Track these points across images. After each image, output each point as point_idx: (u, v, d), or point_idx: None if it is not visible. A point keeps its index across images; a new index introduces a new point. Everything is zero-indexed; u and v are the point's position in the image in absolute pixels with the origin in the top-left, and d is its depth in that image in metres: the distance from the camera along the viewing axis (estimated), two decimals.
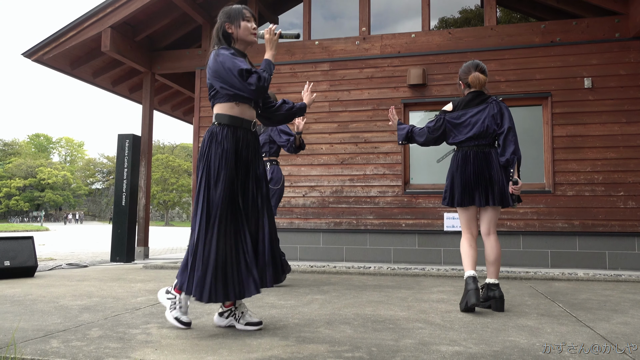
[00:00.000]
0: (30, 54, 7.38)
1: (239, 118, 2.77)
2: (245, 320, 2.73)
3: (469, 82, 3.51)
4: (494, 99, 3.51)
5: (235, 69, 2.67)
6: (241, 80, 2.66)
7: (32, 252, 5.26)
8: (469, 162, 3.47)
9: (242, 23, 2.86)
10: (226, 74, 2.68)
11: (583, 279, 5.26)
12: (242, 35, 2.88)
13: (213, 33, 2.89)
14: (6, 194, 61.19)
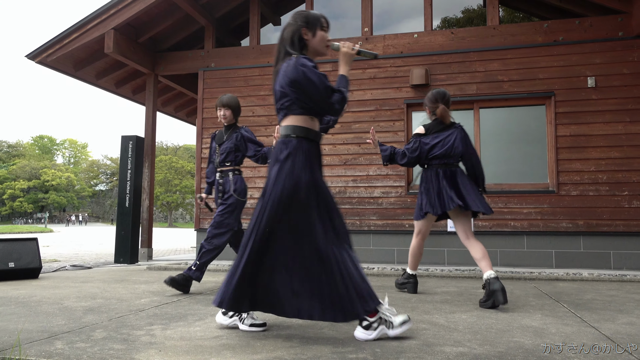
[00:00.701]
0: (34, 56, 7.41)
1: (316, 133, 2.64)
2: (249, 322, 2.73)
3: (435, 114, 4.04)
4: (459, 125, 4.06)
5: (321, 85, 2.54)
6: (326, 99, 2.55)
7: (36, 253, 5.28)
8: (440, 178, 3.89)
9: (318, 32, 2.69)
10: (309, 87, 2.54)
11: (588, 279, 5.24)
12: (317, 45, 2.70)
13: (285, 35, 2.70)
14: (10, 195, 61.41)
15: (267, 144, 7.42)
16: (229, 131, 4.40)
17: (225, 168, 4.34)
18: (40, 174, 63.46)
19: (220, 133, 4.46)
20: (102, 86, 8.81)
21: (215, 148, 4.44)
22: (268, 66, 7.57)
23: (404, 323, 2.52)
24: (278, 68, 2.68)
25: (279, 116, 2.68)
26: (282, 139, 2.60)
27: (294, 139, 2.57)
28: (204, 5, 7.75)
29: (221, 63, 7.79)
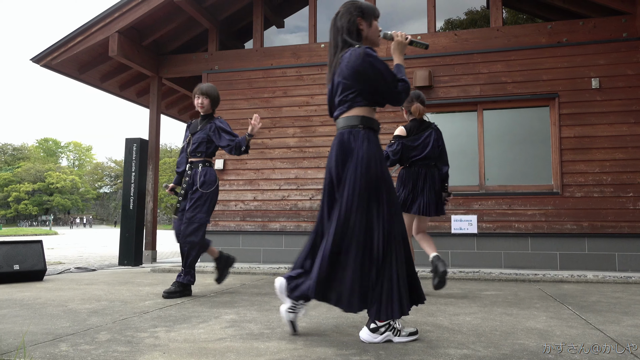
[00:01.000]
0: (39, 60, 7.45)
1: (378, 124, 2.64)
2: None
3: (411, 111, 4.26)
4: (434, 125, 4.28)
5: (389, 75, 2.52)
6: (393, 88, 2.53)
7: (41, 255, 5.30)
8: (420, 178, 4.15)
9: (373, 22, 2.66)
10: (377, 78, 2.50)
11: (592, 281, 5.22)
12: (372, 35, 2.66)
13: (341, 24, 2.61)
14: (15, 198, 61.68)
15: (270, 146, 7.47)
16: (204, 121, 4.27)
17: (196, 159, 4.22)
18: (45, 177, 63.72)
19: (196, 122, 4.34)
20: (106, 89, 8.85)
21: (186, 137, 4.34)
22: (271, 68, 7.58)
23: (411, 334, 2.53)
24: (338, 59, 2.60)
25: (341, 108, 2.61)
26: (348, 129, 2.55)
27: (361, 129, 2.54)
28: (208, 8, 7.77)
29: (225, 65, 7.81)
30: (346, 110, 2.59)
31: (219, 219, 7.54)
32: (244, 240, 7.44)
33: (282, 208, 7.33)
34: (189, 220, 4.07)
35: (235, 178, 7.57)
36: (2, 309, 3.48)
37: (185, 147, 4.33)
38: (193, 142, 4.22)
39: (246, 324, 2.96)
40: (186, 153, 4.30)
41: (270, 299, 3.99)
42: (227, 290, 4.52)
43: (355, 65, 2.50)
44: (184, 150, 4.34)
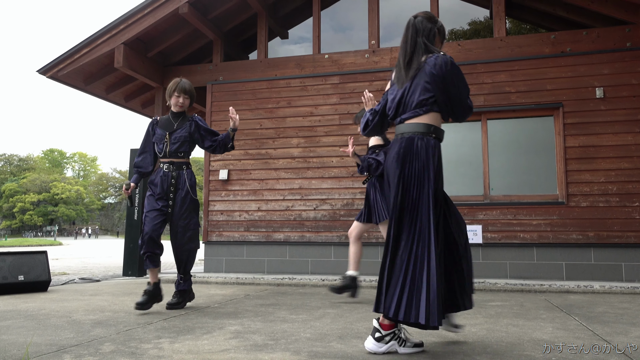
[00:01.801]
0: (45, 71, 7.51)
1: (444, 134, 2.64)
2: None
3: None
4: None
5: (466, 89, 2.56)
6: (466, 100, 2.56)
7: (45, 266, 5.30)
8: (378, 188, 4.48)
9: (437, 37, 2.73)
10: (458, 87, 2.53)
11: (599, 291, 5.17)
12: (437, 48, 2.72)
13: (422, 28, 2.65)
14: (20, 208, 61.93)
15: (274, 156, 7.48)
16: (180, 119, 4.02)
17: (178, 160, 3.98)
18: (50, 187, 64.00)
19: (167, 120, 4.04)
20: (111, 100, 8.90)
21: (160, 135, 3.98)
22: (276, 79, 7.62)
23: (416, 346, 2.52)
24: (420, 61, 2.58)
25: (417, 111, 2.54)
26: (420, 135, 2.51)
27: (433, 139, 2.52)
28: (213, 20, 7.83)
29: (229, 76, 7.86)
30: (422, 114, 2.54)
31: (223, 229, 7.54)
32: (248, 250, 7.43)
33: (287, 218, 7.32)
34: (185, 227, 3.94)
35: (240, 188, 7.58)
36: (6, 319, 3.48)
37: (149, 147, 4.03)
38: (173, 142, 3.96)
39: (250, 335, 2.94)
40: (150, 153, 4.01)
41: (274, 309, 3.97)
42: (231, 300, 4.51)
43: (441, 71, 2.50)
44: (147, 151, 4.03)
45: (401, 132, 2.58)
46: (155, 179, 3.96)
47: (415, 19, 2.70)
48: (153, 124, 4.07)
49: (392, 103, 2.67)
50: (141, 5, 7.07)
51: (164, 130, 4.00)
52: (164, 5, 7.04)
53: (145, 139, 4.08)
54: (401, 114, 2.61)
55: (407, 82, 2.58)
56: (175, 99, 4.01)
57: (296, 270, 7.14)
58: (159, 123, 4.05)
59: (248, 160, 7.58)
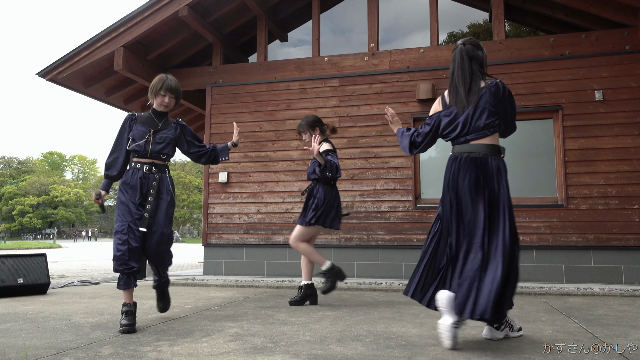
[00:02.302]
0: (45, 74, 7.52)
1: None
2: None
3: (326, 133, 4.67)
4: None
5: (515, 111, 3.01)
6: (514, 123, 3.03)
7: (44, 269, 5.30)
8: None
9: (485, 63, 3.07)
10: (513, 111, 2.97)
11: (599, 294, 5.17)
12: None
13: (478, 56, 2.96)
14: (20, 211, 61.85)
15: (274, 159, 7.48)
16: (163, 120, 3.60)
17: (161, 162, 3.54)
18: (50, 190, 63.94)
19: (149, 117, 3.57)
20: (111, 103, 8.90)
21: (141, 132, 3.49)
22: (275, 82, 7.62)
23: (520, 330, 3.03)
24: (480, 88, 2.88)
25: (485, 132, 2.85)
26: (492, 156, 2.84)
27: (502, 159, 2.93)
28: (212, 23, 7.84)
29: (229, 79, 7.87)
30: (489, 135, 2.86)
31: (222, 232, 7.53)
32: (247, 253, 7.42)
33: (286, 221, 7.32)
34: (168, 236, 3.54)
35: (239, 191, 7.58)
36: (5, 322, 3.47)
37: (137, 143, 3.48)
38: (158, 141, 3.51)
39: (250, 337, 2.94)
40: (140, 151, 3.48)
41: (274, 312, 3.97)
42: (231, 303, 4.50)
43: (503, 96, 2.87)
44: (122, 150, 3.52)
45: (468, 152, 2.88)
46: (132, 180, 3.43)
47: (465, 47, 2.97)
48: (131, 119, 3.55)
49: (453, 125, 2.94)
50: (141, 8, 7.08)
51: (146, 128, 3.52)
52: (163, 8, 7.05)
53: (119, 136, 3.54)
54: (465, 135, 2.90)
55: (470, 106, 2.87)
56: (161, 99, 3.55)
57: (295, 272, 7.13)
58: (139, 119, 3.56)
59: (248, 163, 7.59)
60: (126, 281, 3.36)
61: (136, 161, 3.49)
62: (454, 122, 2.92)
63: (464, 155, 2.87)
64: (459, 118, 2.90)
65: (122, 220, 3.36)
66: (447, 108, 2.98)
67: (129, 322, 3.17)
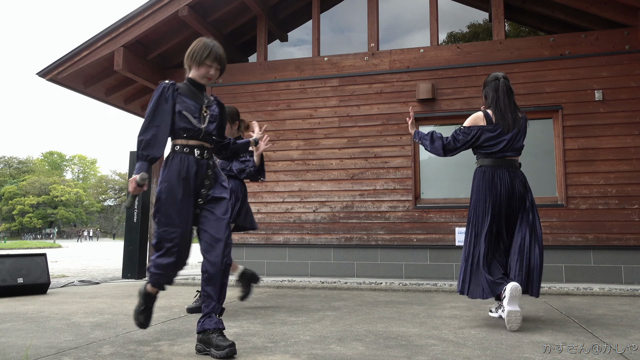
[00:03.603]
0: (45, 74, 7.52)
1: None
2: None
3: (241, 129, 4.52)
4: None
5: None
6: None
7: (44, 269, 5.30)
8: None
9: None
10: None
11: (599, 294, 5.17)
12: None
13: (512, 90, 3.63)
14: (20, 211, 61.88)
15: (274, 159, 7.48)
16: (203, 94, 2.88)
17: (209, 146, 2.85)
18: (50, 190, 63.95)
19: (190, 89, 2.81)
20: (111, 102, 8.91)
21: (193, 107, 2.76)
22: (275, 82, 7.63)
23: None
24: (520, 115, 3.60)
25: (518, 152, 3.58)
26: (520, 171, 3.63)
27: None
28: (212, 23, 7.84)
29: (229, 79, 7.87)
30: (519, 155, 3.62)
31: None
32: (247, 252, 7.42)
33: (286, 220, 7.32)
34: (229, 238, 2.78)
35: None
36: (5, 322, 3.47)
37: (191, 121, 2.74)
38: (210, 120, 2.83)
39: (249, 337, 2.94)
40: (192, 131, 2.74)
41: (273, 312, 3.97)
42: (230, 303, 4.50)
43: (526, 127, 3.65)
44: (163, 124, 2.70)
45: (506, 165, 3.56)
46: (182, 170, 2.71)
47: (506, 81, 3.62)
48: (173, 89, 2.76)
49: (496, 140, 3.54)
50: (141, 8, 7.08)
51: (196, 102, 2.79)
52: (163, 8, 7.05)
53: (157, 108, 2.70)
54: (505, 151, 3.54)
55: (513, 130, 3.52)
56: (206, 69, 2.80)
57: (295, 272, 7.13)
58: (180, 90, 2.78)
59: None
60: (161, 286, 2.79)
61: (182, 144, 2.75)
62: (498, 139, 3.52)
63: (505, 168, 3.56)
64: (503, 136, 3.51)
65: (170, 226, 2.66)
66: (492, 125, 3.55)
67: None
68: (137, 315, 2.82)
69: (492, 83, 3.63)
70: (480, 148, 3.59)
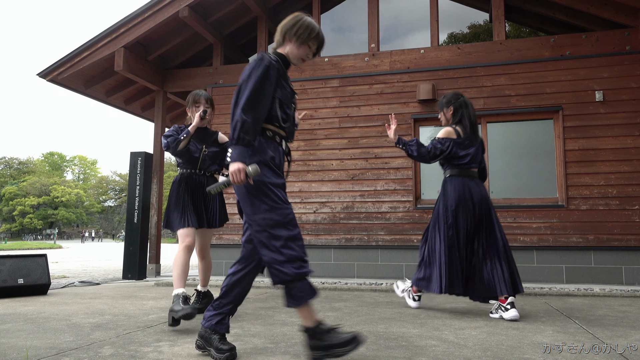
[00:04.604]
0: (45, 74, 7.52)
1: None
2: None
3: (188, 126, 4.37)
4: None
5: None
6: None
7: (45, 269, 5.30)
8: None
9: None
10: None
11: (599, 294, 5.17)
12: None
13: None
14: (20, 212, 61.88)
15: None
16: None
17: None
18: (50, 191, 63.96)
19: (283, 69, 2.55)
20: (112, 103, 8.91)
21: (289, 94, 2.56)
22: None
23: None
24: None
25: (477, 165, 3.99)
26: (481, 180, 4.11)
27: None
28: (213, 24, 7.85)
29: (229, 80, 7.87)
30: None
31: (223, 232, 7.53)
32: None
33: None
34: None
35: None
36: (5, 323, 3.47)
37: (288, 107, 2.55)
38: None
39: (250, 338, 2.94)
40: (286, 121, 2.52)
41: (274, 312, 3.97)
42: None
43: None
44: (265, 109, 2.40)
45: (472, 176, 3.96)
46: (277, 157, 2.47)
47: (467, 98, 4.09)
48: (277, 69, 2.48)
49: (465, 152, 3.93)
50: (141, 8, 7.08)
51: (291, 89, 2.61)
52: (164, 8, 7.06)
53: (263, 87, 2.38)
54: (471, 163, 3.94)
55: (477, 144, 3.97)
56: (306, 51, 2.61)
57: None
58: (281, 72, 2.53)
59: None
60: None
61: (275, 131, 2.49)
62: (467, 151, 3.91)
63: (468, 178, 3.92)
64: (470, 149, 3.92)
65: (286, 207, 2.37)
66: (462, 139, 3.94)
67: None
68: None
69: (458, 101, 4.07)
70: (451, 159, 3.96)
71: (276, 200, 2.33)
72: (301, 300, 2.30)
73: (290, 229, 2.31)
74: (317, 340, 2.30)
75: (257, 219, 2.32)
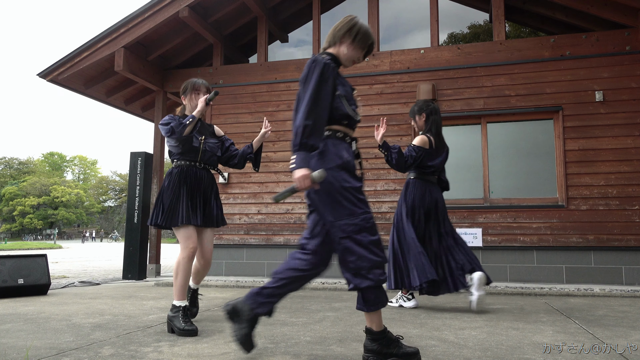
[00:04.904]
0: (46, 75, 7.52)
1: None
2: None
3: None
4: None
5: None
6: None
7: (45, 269, 5.30)
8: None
9: None
10: None
11: (599, 294, 5.17)
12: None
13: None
14: (20, 212, 61.87)
15: (274, 159, 7.48)
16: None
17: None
18: (50, 191, 63.95)
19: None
20: (112, 103, 8.91)
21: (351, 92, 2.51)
22: (275, 82, 7.63)
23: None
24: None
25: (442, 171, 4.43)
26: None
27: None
28: (213, 24, 7.85)
29: (229, 80, 7.87)
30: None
31: (222, 232, 7.53)
32: (247, 253, 7.42)
33: (287, 221, 7.32)
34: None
35: (240, 191, 7.58)
36: (5, 323, 3.48)
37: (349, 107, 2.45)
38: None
39: None
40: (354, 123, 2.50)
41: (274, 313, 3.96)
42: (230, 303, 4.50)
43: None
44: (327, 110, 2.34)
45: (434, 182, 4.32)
46: (350, 160, 2.41)
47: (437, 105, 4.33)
48: (335, 69, 2.41)
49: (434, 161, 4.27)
50: (141, 8, 7.08)
51: (350, 86, 2.54)
52: (164, 8, 7.06)
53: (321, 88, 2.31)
54: (436, 170, 4.29)
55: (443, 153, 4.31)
56: (359, 54, 2.55)
57: None
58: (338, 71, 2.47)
59: (248, 163, 7.57)
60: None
61: (345, 132, 2.44)
62: (435, 160, 4.25)
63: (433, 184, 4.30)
64: (438, 158, 4.27)
65: (368, 212, 2.31)
66: (432, 148, 4.23)
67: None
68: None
69: (429, 107, 4.31)
70: (425, 169, 4.25)
71: (358, 205, 2.29)
72: (376, 306, 2.28)
73: (373, 234, 2.28)
74: (380, 345, 2.29)
75: (340, 224, 2.26)
